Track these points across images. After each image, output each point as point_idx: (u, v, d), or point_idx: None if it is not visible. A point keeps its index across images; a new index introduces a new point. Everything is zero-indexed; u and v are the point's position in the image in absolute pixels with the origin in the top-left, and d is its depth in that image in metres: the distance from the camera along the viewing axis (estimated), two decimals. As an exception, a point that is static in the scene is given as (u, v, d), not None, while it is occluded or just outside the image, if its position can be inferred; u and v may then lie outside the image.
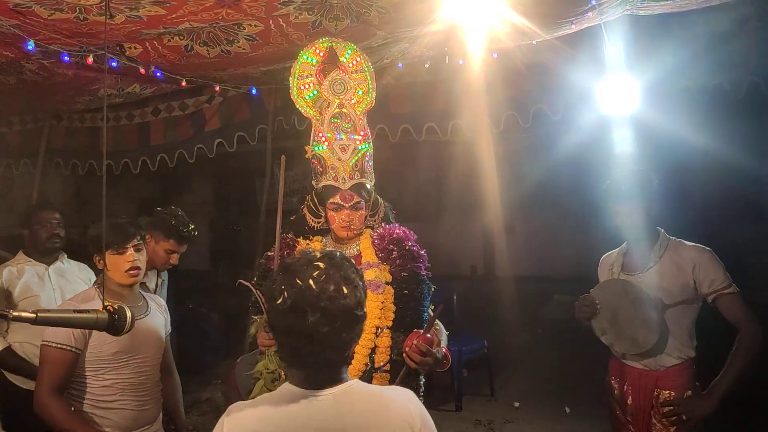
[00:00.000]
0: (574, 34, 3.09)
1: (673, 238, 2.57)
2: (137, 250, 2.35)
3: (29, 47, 2.56)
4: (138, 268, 2.34)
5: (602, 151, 3.55)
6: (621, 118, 3.39)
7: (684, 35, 3.18)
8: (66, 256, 3.25)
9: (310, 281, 1.32)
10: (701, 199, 2.35)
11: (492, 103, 3.71)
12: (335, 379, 1.39)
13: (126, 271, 2.31)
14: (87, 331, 2.21)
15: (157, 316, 2.48)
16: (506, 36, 2.79)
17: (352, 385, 1.40)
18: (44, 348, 2.21)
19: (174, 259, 2.97)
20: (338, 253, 1.42)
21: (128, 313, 1.51)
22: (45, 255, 3.13)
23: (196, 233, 2.99)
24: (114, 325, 1.48)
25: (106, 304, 1.50)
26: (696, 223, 2.57)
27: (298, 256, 1.41)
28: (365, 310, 1.42)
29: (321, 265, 1.35)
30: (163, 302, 2.64)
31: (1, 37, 2.53)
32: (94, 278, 3.11)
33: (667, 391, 2.49)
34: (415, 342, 1.97)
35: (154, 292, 3.05)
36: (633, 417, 2.59)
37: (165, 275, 3.20)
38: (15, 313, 1.36)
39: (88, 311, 1.47)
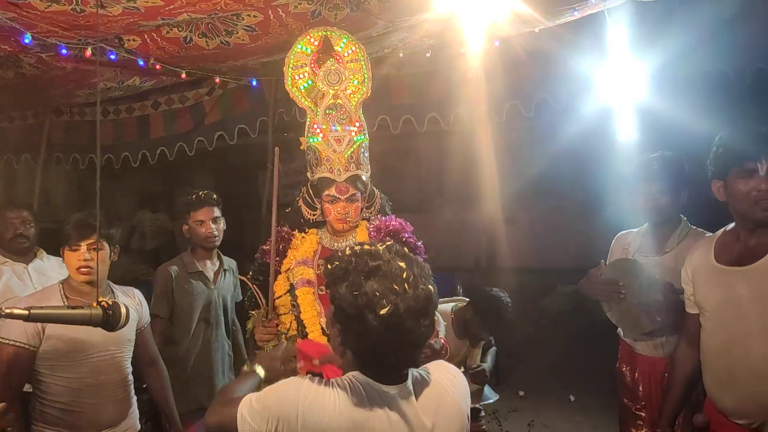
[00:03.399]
0: (576, 21, 3.05)
1: (694, 227, 2.56)
2: (93, 249, 2.28)
3: (26, 40, 2.53)
4: (88, 267, 2.28)
5: (605, 140, 3.52)
6: (624, 106, 3.36)
7: (688, 20, 3.13)
8: (45, 252, 3.15)
9: (405, 285, 1.27)
10: (707, 186, 2.33)
11: (494, 93, 3.67)
12: (406, 375, 1.37)
13: (77, 269, 2.29)
14: (41, 327, 2.18)
15: None
16: (507, 23, 2.75)
17: (420, 378, 1.39)
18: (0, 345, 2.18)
19: (207, 228, 3.00)
20: (396, 247, 1.37)
21: (123, 309, 1.49)
22: (18, 254, 3.03)
23: (206, 193, 3.06)
24: (108, 320, 1.46)
25: (100, 300, 1.48)
26: (702, 211, 2.55)
27: (369, 256, 1.32)
28: None
29: (403, 265, 1.30)
30: (137, 294, 2.57)
31: (-3, 30, 2.50)
32: None
33: None
34: None
35: (214, 282, 3.07)
36: (645, 405, 2.58)
37: (230, 263, 3.22)
38: (7, 310, 1.34)
39: (81, 307, 1.45)
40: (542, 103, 3.75)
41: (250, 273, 2.40)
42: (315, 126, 2.24)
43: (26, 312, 1.34)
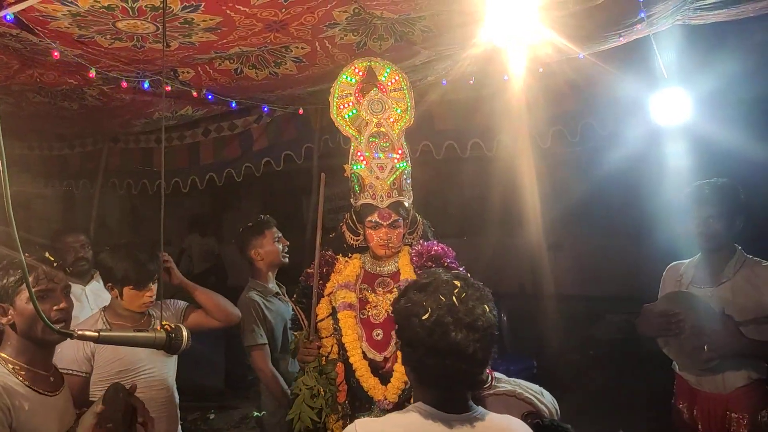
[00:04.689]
0: (623, 45, 3.03)
1: (750, 256, 2.47)
2: (154, 282, 2.49)
3: (91, 74, 2.69)
4: (153, 301, 2.51)
5: (653, 166, 3.45)
6: (673, 132, 3.28)
7: (740, 45, 3.06)
8: (100, 275, 3.28)
9: (453, 298, 1.32)
10: (761, 214, 2.26)
11: (538, 119, 3.66)
12: (467, 405, 1.37)
13: (144, 304, 2.48)
14: (91, 352, 2.31)
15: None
16: (549, 56, 2.76)
17: (483, 412, 1.39)
18: None
19: (282, 243, 3.19)
20: (465, 273, 1.46)
21: (185, 333, 1.55)
22: (77, 276, 3.19)
23: (263, 218, 3.26)
24: (171, 344, 1.51)
25: (164, 323, 1.54)
26: (755, 239, 2.46)
27: (428, 275, 1.41)
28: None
29: (458, 283, 1.36)
30: (175, 304, 2.69)
31: (65, 66, 2.67)
32: None
33: (738, 414, 2.37)
34: None
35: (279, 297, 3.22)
36: None
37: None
38: (79, 332, 1.41)
39: (147, 330, 1.52)
40: (588, 129, 3.70)
41: (294, 295, 2.45)
42: (358, 153, 2.29)
43: (96, 334, 1.40)
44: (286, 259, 3.22)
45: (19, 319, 1.74)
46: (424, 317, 1.30)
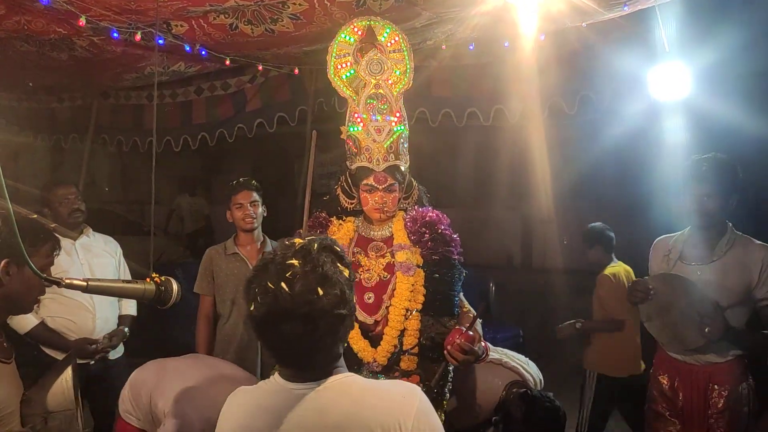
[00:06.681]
0: (623, 17, 2.98)
1: (740, 233, 2.45)
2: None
3: (81, 23, 2.61)
4: None
5: (650, 141, 3.43)
6: (671, 107, 3.26)
7: (743, 19, 3.03)
8: (91, 229, 3.27)
9: (283, 284, 1.18)
10: (755, 191, 2.26)
11: (536, 89, 3.61)
12: (322, 374, 1.27)
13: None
14: None
15: None
16: (559, 14, 2.66)
17: (341, 380, 1.28)
18: None
19: (245, 210, 3.14)
20: (317, 245, 1.26)
21: (175, 286, 1.53)
22: (72, 229, 3.15)
23: (245, 179, 3.25)
24: (161, 297, 1.50)
25: (153, 275, 1.52)
26: (749, 217, 2.47)
27: (273, 253, 1.26)
28: (354, 301, 1.30)
29: (296, 263, 1.20)
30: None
31: (54, 13, 2.59)
32: (120, 251, 3.31)
33: (720, 386, 2.42)
34: (457, 341, 1.95)
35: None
36: (684, 414, 2.51)
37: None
38: (67, 281, 1.39)
39: (136, 281, 1.50)
40: (586, 101, 3.67)
41: None
42: (356, 115, 2.25)
43: (84, 283, 1.39)
44: (250, 226, 3.16)
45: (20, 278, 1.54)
46: (251, 309, 1.19)
